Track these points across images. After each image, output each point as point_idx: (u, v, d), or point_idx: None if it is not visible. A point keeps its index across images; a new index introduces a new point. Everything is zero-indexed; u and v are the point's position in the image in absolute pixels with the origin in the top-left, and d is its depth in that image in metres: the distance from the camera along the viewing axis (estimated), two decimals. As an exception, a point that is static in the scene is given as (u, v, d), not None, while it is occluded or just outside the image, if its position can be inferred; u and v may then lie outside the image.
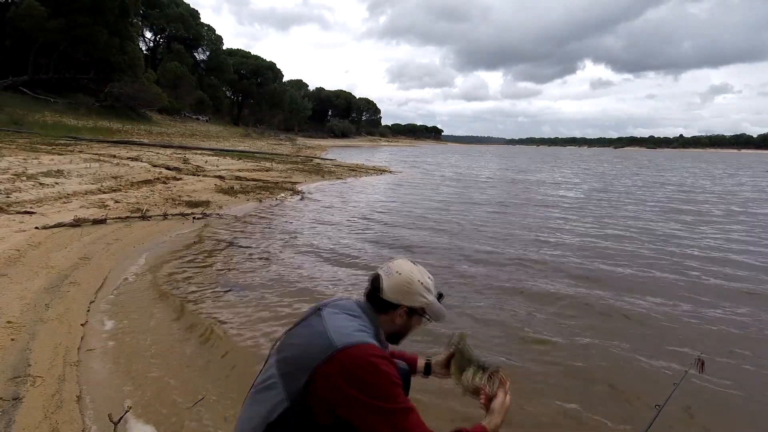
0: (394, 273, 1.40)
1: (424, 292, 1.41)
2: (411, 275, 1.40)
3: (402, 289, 1.38)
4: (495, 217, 9.32)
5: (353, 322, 1.31)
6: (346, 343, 1.21)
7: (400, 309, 1.39)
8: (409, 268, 1.42)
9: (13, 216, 5.82)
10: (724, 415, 2.66)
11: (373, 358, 1.19)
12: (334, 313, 1.35)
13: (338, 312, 1.35)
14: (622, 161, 47.42)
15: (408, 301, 1.39)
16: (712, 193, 15.50)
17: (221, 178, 12.59)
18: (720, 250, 6.83)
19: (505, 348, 3.38)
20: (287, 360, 1.29)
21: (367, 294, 1.43)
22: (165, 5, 45.61)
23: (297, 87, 79.03)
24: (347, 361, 1.18)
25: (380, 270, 1.43)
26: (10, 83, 26.41)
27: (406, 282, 1.38)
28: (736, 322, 3.99)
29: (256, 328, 3.52)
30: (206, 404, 2.51)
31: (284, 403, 1.20)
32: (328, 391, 1.17)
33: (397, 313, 1.40)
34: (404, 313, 1.40)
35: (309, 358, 1.22)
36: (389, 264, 1.44)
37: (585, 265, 5.75)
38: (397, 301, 1.38)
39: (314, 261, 5.51)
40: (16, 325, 3.09)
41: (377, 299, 1.39)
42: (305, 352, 1.25)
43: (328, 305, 1.41)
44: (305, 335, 1.32)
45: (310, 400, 1.19)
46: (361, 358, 1.18)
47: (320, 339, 1.25)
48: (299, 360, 1.24)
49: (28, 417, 2.20)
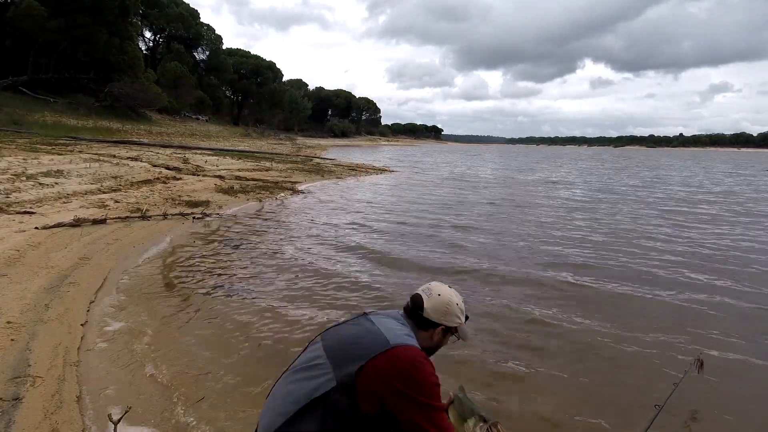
0: (435, 294, 1.55)
1: (459, 314, 1.57)
2: (450, 298, 1.56)
3: (442, 309, 1.53)
4: (494, 214, 9.32)
5: (403, 329, 1.46)
6: (398, 343, 1.36)
7: (439, 327, 1.54)
8: (447, 292, 1.58)
9: (13, 216, 5.82)
10: (724, 415, 2.66)
11: (422, 359, 1.36)
12: (383, 318, 1.50)
13: (387, 318, 1.50)
14: (625, 160, 47.40)
15: (446, 321, 1.54)
16: (718, 194, 15.48)
17: (221, 177, 12.58)
18: (721, 251, 6.83)
19: (506, 348, 3.38)
20: (337, 347, 1.41)
21: (409, 311, 1.56)
22: (165, 5, 45.55)
23: (297, 87, 78.91)
24: (400, 358, 1.32)
25: (421, 291, 1.57)
26: (10, 83, 26.38)
27: (446, 303, 1.54)
28: (736, 322, 3.99)
29: (257, 327, 3.53)
30: (207, 404, 2.51)
31: (331, 382, 1.31)
32: (377, 381, 1.29)
33: (435, 331, 1.54)
34: (441, 331, 1.55)
35: (363, 348, 1.35)
36: (429, 286, 1.59)
37: (585, 265, 5.75)
38: (437, 320, 1.53)
39: (314, 261, 5.51)
40: (16, 326, 3.09)
41: (419, 317, 1.53)
42: (358, 343, 1.38)
43: (374, 313, 1.56)
44: (357, 330, 1.45)
45: (359, 385, 1.29)
46: (411, 357, 1.33)
47: (374, 335, 1.39)
48: (352, 349, 1.37)
49: (28, 417, 2.21)
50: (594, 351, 3.37)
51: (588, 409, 2.65)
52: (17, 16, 25.75)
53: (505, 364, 3.13)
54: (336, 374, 1.31)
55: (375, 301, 4.23)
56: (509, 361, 3.18)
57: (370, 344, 1.35)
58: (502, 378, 2.96)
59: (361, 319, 1.50)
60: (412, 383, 1.29)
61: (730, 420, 2.62)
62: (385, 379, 1.29)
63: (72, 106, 27.86)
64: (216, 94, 52.51)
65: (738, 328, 3.85)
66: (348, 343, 1.40)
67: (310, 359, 1.42)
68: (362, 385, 1.29)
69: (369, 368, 1.30)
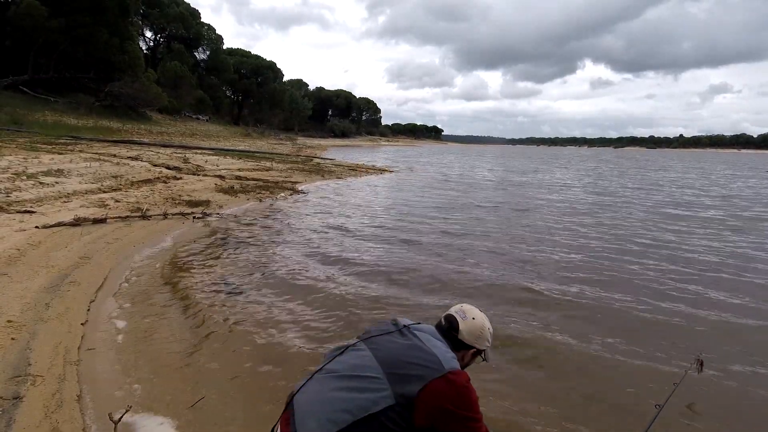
0: (470, 318, 1.62)
1: (489, 338, 1.65)
2: (483, 322, 1.64)
3: (476, 333, 1.61)
4: (493, 217, 9.32)
5: (449, 350, 1.52)
6: (452, 367, 1.44)
7: (471, 350, 1.62)
8: (480, 316, 1.65)
9: (14, 215, 5.82)
10: (724, 415, 2.66)
11: (468, 382, 1.45)
12: (426, 334, 1.54)
13: (428, 335, 1.55)
14: (628, 161, 47.36)
15: (478, 344, 1.62)
16: (721, 197, 15.46)
17: (221, 177, 12.58)
18: (723, 253, 6.83)
19: (505, 348, 3.38)
20: (392, 362, 1.43)
21: (444, 330, 1.62)
22: (165, 5, 45.53)
23: (297, 87, 78.89)
24: (456, 383, 1.40)
25: (455, 313, 1.64)
26: (10, 82, 26.38)
27: (480, 328, 1.62)
28: (736, 322, 3.99)
29: (258, 327, 3.53)
30: (207, 404, 2.51)
31: (389, 399, 1.34)
32: (434, 403, 1.36)
33: (467, 352, 1.62)
34: (471, 354, 1.64)
35: (421, 369, 1.40)
36: (463, 308, 1.66)
37: (585, 265, 5.75)
38: (471, 343, 1.61)
39: (314, 260, 5.51)
40: (17, 325, 3.09)
41: (453, 338, 1.60)
42: (414, 363, 1.42)
43: (413, 327, 1.58)
44: (408, 347, 1.48)
45: (416, 405, 1.35)
46: (462, 382, 1.43)
47: (428, 356, 1.44)
48: (409, 368, 1.41)
49: (28, 416, 2.21)
50: (594, 350, 3.37)
51: (588, 409, 2.65)
52: (17, 16, 25.75)
53: (504, 364, 3.13)
54: (394, 392, 1.35)
55: (373, 301, 4.23)
56: (509, 360, 3.18)
57: (427, 366, 1.41)
58: (500, 378, 2.96)
59: (407, 334, 1.54)
60: (463, 406, 1.39)
61: (730, 420, 2.62)
62: (441, 401, 1.36)
63: (72, 106, 27.86)
64: (216, 93, 52.49)
65: (739, 328, 3.86)
66: (404, 360, 1.43)
67: (360, 367, 1.43)
68: (420, 404, 1.35)
69: (428, 390, 1.36)
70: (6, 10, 26.91)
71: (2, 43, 28.34)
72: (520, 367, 3.10)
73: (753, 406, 2.79)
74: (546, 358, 3.24)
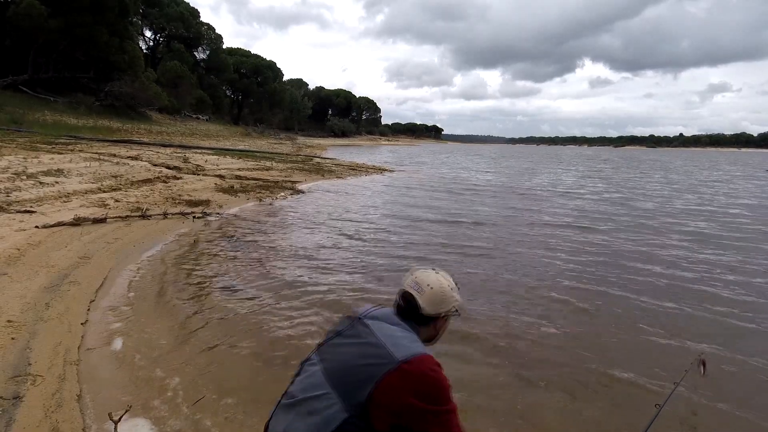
0: (426, 288, 1.42)
1: (455, 294, 1.47)
2: (441, 285, 1.44)
3: (438, 301, 1.43)
4: (494, 212, 9.32)
5: (405, 333, 1.36)
6: (406, 356, 1.26)
7: (441, 318, 1.46)
8: (435, 279, 1.45)
9: (14, 215, 5.81)
10: (725, 415, 2.66)
11: (431, 367, 1.27)
12: (380, 322, 1.39)
13: (384, 323, 1.39)
14: (629, 161, 47.22)
15: (445, 309, 1.45)
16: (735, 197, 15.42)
17: (221, 177, 12.58)
18: (726, 253, 6.82)
19: (505, 349, 3.38)
20: (340, 373, 1.30)
21: (403, 312, 1.44)
22: (165, 4, 45.48)
23: (297, 86, 78.85)
24: (411, 372, 1.24)
25: (409, 288, 1.45)
26: (10, 82, 26.36)
27: (440, 294, 1.43)
28: (737, 323, 3.99)
29: (259, 327, 3.53)
30: (207, 404, 2.51)
31: (342, 414, 1.23)
32: (391, 401, 1.22)
33: (438, 322, 1.46)
34: (443, 319, 1.48)
35: (370, 370, 1.25)
36: (415, 279, 1.45)
37: (586, 264, 5.75)
38: (437, 312, 1.43)
39: (314, 260, 5.51)
40: (17, 324, 3.09)
41: (417, 316, 1.43)
42: (363, 364, 1.28)
43: (367, 316, 1.44)
44: (357, 348, 1.34)
45: (371, 410, 1.22)
46: (422, 369, 1.25)
47: (378, 350, 1.28)
48: (358, 372, 1.27)
49: (28, 416, 2.21)
50: (594, 350, 3.37)
51: (588, 408, 2.65)
52: (17, 16, 25.73)
53: (502, 365, 3.13)
54: (346, 405, 1.23)
55: (373, 302, 4.21)
56: (506, 361, 3.18)
57: (376, 363, 1.26)
58: (500, 378, 2.96)
59: (358, 328, 1.39)
60: (427, 397, 1.23)
61: (730, 420, 2.62)
62: (400, 397, 1.22)
63: (72, 105, 27.85)
64: (216, 93, 52.43)
65: (739, 328, 3.85)
66: (351, 366, 1.30)
67: (311, 386, 1.31)
68: (374, 409, 1.22)
69: (380, 390, 1.22)
70: (6, 9, 26.88)
71: (2, 43, 28.31)
72: (519, 367, 3.10)
73: (754, 406, 2.79)
74: (545, 358, 3.24)
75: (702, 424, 2.54)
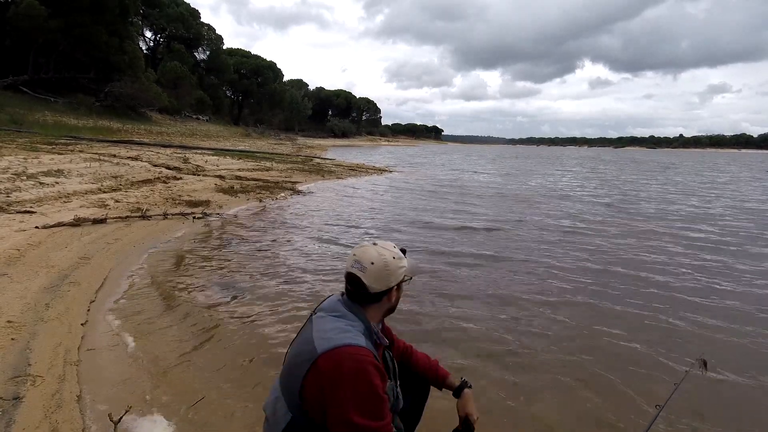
0: (368, 265, 1.36)
1: (400, 262, 1.42)
2: (383, 258, 1.38)
3: (384, 274, 1.38)
4: (493, 214, 9.33)
5: (337, 323, 1.33)
6: (327, 348, 1.24)
7: (391, 290, 1.42)
8: (375, 253, 1.38)
9: (14, 215, 5.81)
10: (725, 415, 2.66)
11: (356, 359, 1.22)
12: (320, 317, 1.38)
13: (324, 315, 1.38)
14: (632, 162, 47.20)
15: (394, 281, 1.41)
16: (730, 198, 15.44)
17: (221, 177, 12.58)
18: (726, 253, 6.82)
19: (505, 349, 3.37)
20: (285, 373, 1.35)
21: (353, 294, 1.41)
22: (165, 5, 45.53)
23: (297, 87, 78.94)
24: (327, 364, 1.22)
25: (351, 268, 1.39)
26: (10, 82, 26.38)
27: (383, 267, 1.37)
28: (737, 323, 3.99)
29: (259, 328, 3.52)
30: (207, 403, 2.51)
31: (287, 415, 1.26)
32: (315, 395, 1.23)
33: (389, 295, 1.42)
34: (394, 291, 1.44)
35: (298, 368, 1.27)
36: (357, 258, 1.39)
37: (585, 264, 5.75)
38: (386, 286, 1.39)
39: (314, 260, 5.50)
40: (17, 325, 3.09)
41: (366, 296, 1.39)
42: (296, 363, 1.30)
43: (317, 309, 1.44)
44: (297, 346, 1.37)
45: (305, 405, 1.25)
46: (338, 359, 1.22)
47: (307, 347, 1.28)
48: (293, 372, 1.29)
49: (28, 417, 2.20)
50: (594, 350, 3.36)
51: (588, 409, 2.64)
52: (17, 16, 25.76)
53: (502, 365, 3.12)
54: (289, 406, 1.26)
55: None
56: (507, 361, 3.17)
57: (304, 360, 1.26)
58: (501, 378, 2.96)
59: (306, 326, 1.41)
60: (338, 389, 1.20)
61: (730, 420, 2.62)
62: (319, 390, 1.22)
63: (72, 106, 27.87)
64: (216, 94, 52.48)
65: (740, 328, 3.85)
66: (289, 366, 1.32)
67: (272, 392, 1.39)
68: (306, 403, 1.24)
69: (307, 387, 1.24)
70: (6, 10, 26.90)
71: (2, 43, 28.34)
72: (519, 368, 3.09)
73: (755, 407, 2.79)
74: (545, 358, 3.24)
75: (703, 425, 2.54)
